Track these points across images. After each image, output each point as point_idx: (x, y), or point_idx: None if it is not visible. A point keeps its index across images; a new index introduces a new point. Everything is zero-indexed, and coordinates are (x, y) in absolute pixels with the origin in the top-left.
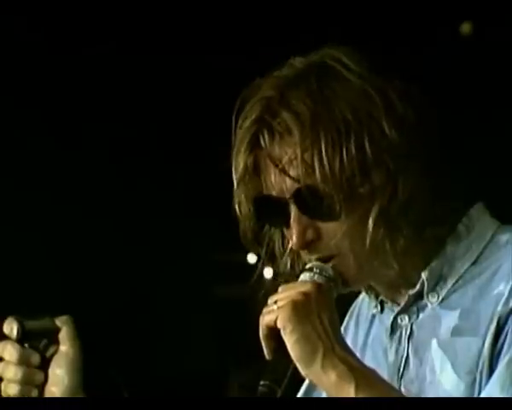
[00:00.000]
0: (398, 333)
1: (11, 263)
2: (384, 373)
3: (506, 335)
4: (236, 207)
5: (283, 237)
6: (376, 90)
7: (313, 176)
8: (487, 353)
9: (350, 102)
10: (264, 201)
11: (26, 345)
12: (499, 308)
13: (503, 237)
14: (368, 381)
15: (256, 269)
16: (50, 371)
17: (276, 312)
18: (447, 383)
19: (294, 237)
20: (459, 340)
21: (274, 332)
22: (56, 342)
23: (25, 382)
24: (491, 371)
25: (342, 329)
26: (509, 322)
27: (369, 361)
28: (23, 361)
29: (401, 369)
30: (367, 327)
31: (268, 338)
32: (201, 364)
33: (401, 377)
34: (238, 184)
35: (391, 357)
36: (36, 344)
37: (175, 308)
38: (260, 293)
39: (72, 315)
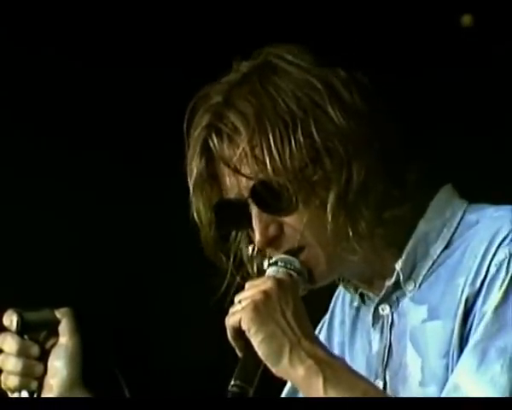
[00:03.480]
0: (380, 323)
1: (11, 255)
2: (371, 364)
3: (474, 316)
4: (195, 215)
5: (249, 240)
6: (319, 79)
7: (266, 171)
8: (457, 335)
9: (293, 93)
10: (223, 205)
11: (26, 337)
12: (466, 289)
13: (473, 217)
14: (336, 373)
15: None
16: (49, 362)
17: (239, 313)
18: (425, 368)
19: (257, 235)
20: (432, 324)
21: (240, 332)
22: (56, 334)
23: (24, 374)
24: (461, 353)
25: (325, 327)
26: (477, 302)
27: (358, 355)
28: (23, 353)
29: (385, 359)
30: (351, 321)
31: (236, 339)
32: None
33: (385, 367)
34: (194, 191)
35: (375, 347)
36: (36, 336)
37: (175, 302)
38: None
39: (72, 307)
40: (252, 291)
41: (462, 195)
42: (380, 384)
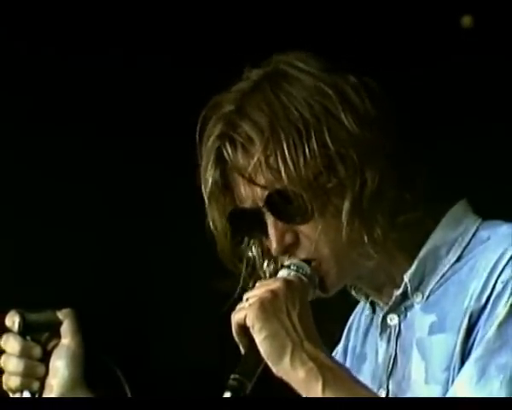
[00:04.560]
0: (387, 332)
1: (13, 256)
2: (377, 373)
3: (477, 331)
4: (211, 224)
5: (263, 248)
6: (330, 86)
7: (281, 179)
8: (459, 349)
9: (306, 100)
10: (238, 214)
11: (28, 338)
12: (472, 304)
13: (485, 234)
14: (336, 379)
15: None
16: (51, 363)
17: (245, 310)
18: (426, 381)
19: (274, 243)
20: (437, 337)
21: (245, 329)
22: (58, 334)
23: (26, 374)
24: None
25: (344, 334)
26: (481, 318)
27: (366, 362)
28: (25, 354)
29: (389, 368)
30: (364, 329)
31: (240, 335)
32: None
33: (389, 377)
34: (209, 201)
35: (381, 356)
36: (38, 337)
37: (175, 302)
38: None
39: (74, 308)
40: (260, 290)
41: (461, 195)
42: (383, 394)
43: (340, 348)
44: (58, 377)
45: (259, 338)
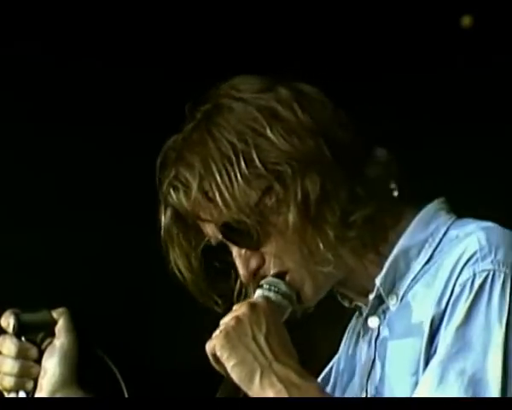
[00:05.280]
0: (368, 335)
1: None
2: (360, 375)
3: (439, 336)
4: (175, 268)
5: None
6: (258, 108)
7: (223, 212)
8: (423, 354)
9: (235, 128)
10: (209, 250)
11: (23, 338)
12: (433, 308)
13: (454, 232)
14: (304, 396)
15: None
16: (43, 362)
17: (214, 340)
18: (398, 385)
19: (241, 271)
20: (406, 341)
21: (218, 358)
22: (53, 334)
23: (21, 375)
24: None
25: (344, 337)
26: (443, 323)
27: (355, 365)
28: (21, 355)
29: (369, 370)
30: (357, 333)
31: (216, 363)
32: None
33: (368, 379)
34: (167, 245)
35: (362, 359)
36: (33, 337)
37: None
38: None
39: (71, 308)
40: (228, 317)
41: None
42: (364, 396)
43: (340, 351)
44: (48, 375)
45: (229, 366)
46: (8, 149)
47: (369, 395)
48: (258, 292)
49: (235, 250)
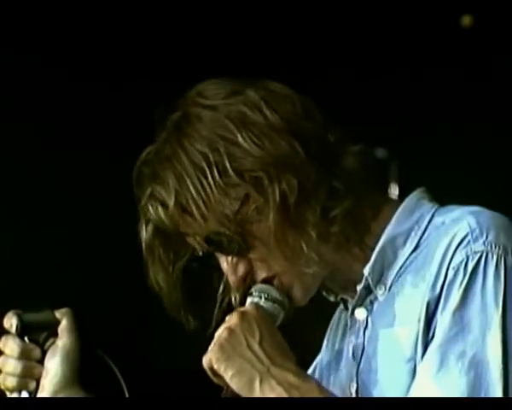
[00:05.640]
0: (356, 327)
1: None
2: (349, 367)
3: (436, 321)
4: (154, 282)
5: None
6: (227, 114)
7: (202, 224)
8: (421, 340)
9: (206, 137)
10: (196, 262)
11: (26, 339)
12: (427, 293)
13: (439, 219)
14: (304, 397)
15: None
16: (45, 362)
17: (209, 353)
18: (392, 373)
19: (229, 277)
20: (399, 329)
21: (215, 370)
22: (56, 334)
23: (24, 375)
24: None
25: (328, 331)
26: (438, 307)
27: (343, 357)
28: (24, 356)
29: (359, 361)
30: (343, 327)
31: (214, 376)
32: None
33: (358, 370)
34: (153, 262)
35: (350, 351)
36: (36, 337)
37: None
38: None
39: (72, 308)
40: (220, 329)
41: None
42: (354, 387)
43: (323, 347)
44: (50, 375)
45: (227, 377)
46: (7, 148)
47: (360, 386)
48: (249, 300)
49: (222, 259)
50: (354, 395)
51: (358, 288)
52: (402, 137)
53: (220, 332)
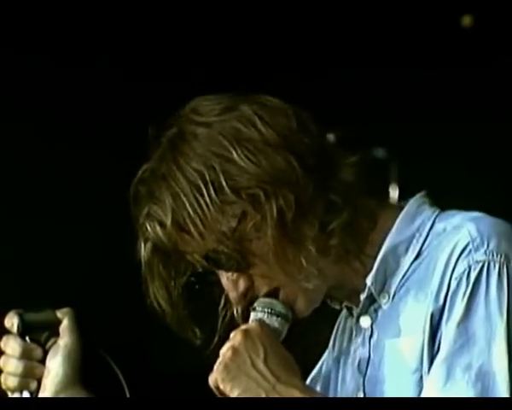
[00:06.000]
0: (361, 335)
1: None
2: (356, 376)
3: (440, 332)
4: (154, 301)
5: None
6: (222, 131)
7: (200, 242)
8: (427, 351)
9: (201, 156)
10: (196, 278)
11: (28, 338)
12: (431, 305)
13: (441, 226)
14: None
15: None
16: (47, 361)
17: (214, 373)
18: (398, 383)
19: (230, 293)
20: (404, 339)
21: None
22: (58, 334)
23: (25, 375)
24: None
25: (333, 336)
26: (443, 318)
27: (349, 366)
28: (25, 356)
29: (365, 370)
30: (349, 334)
31: (222, 395)
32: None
33: (364, 379)
34: (153, 280)
35: (357, 359)
36: (37, 337)
37: None
38: None
39: (75, 308)
40: (225, 348)
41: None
42: (361, 396)
43: (327, 352)
44: (52, 375)
45: (234, 397)
46: (7, 148)
47: (367, 395)
48: (252, 315)
49: (222, 275)
50: None
51: (362, 297)
52: (402, 137)
53: (224, 351)
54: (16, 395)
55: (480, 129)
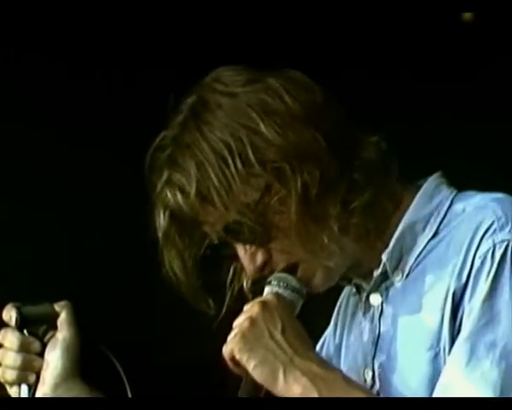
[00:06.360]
0: (370, 312)
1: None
2: (364, 353)
3: (463, 310)
4: (169, 270)
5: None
6: (249, 102)
7: (223, 213)
8: (447, 329)
9: (227, 126)
10: (212, 250)
11: (26, 331)
12: (453, 283)
13: (460, 206)
14: (330, 387)
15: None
16: (45, 354)
17: (230, 343)
18: (411, 360)
19: (246, 266)
20: (419, 316)
21: (236, 361)
22: (56, 327)
23: (23, 368)
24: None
25: (335, 312)
26: (465, 297)
27: (354, 343)
28: (23, 349)
29: (374, 348)
30: (352, 309)
31: (235, 367)
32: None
33: (374, 357)
34: (168, 249)
35: (365, 337)
36: (35, 330)
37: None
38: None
39: (75, 302)
40: (241, 318)
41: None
42: (369, 374)
43: (330, 330)
44: (51, 368)
45: (250, 368)
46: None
47: (376, 373)
48: (267, 289)
49: (239, 247)
50: (369, 382)
51: (375, 273)
52: (402, 133)
53: (241, 322)
54: (15, 388)
55: (481, 125)
